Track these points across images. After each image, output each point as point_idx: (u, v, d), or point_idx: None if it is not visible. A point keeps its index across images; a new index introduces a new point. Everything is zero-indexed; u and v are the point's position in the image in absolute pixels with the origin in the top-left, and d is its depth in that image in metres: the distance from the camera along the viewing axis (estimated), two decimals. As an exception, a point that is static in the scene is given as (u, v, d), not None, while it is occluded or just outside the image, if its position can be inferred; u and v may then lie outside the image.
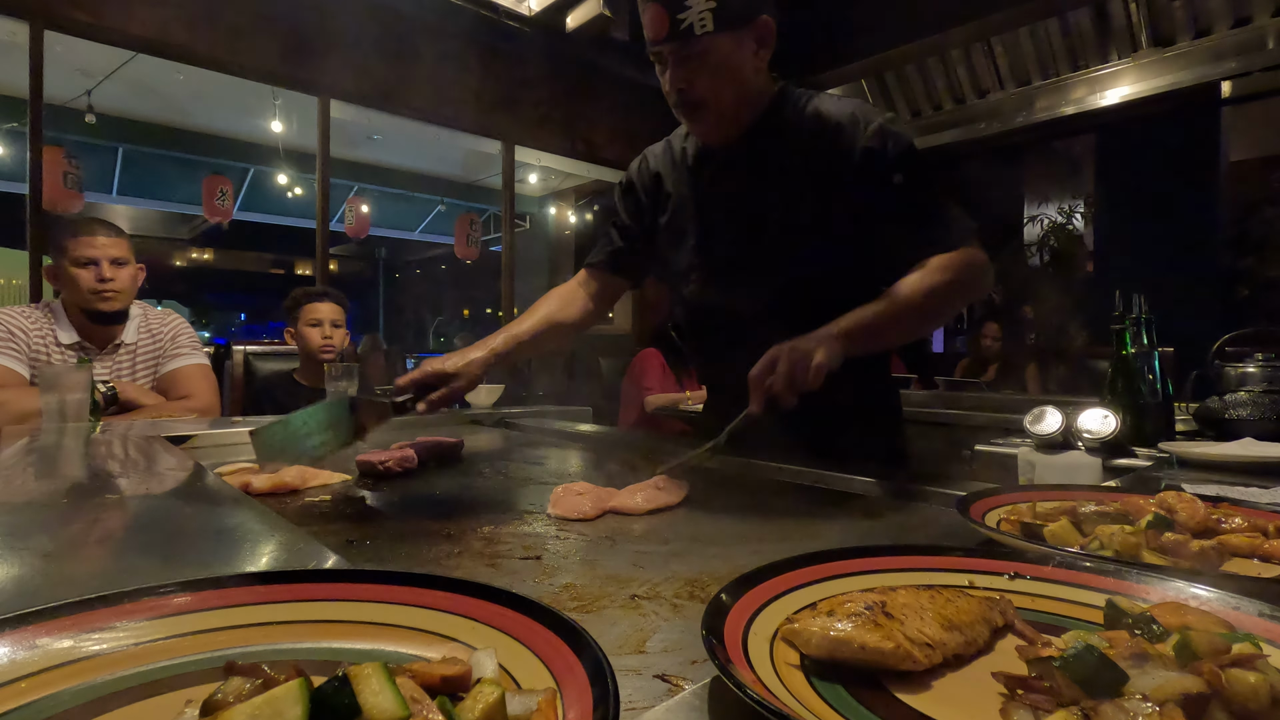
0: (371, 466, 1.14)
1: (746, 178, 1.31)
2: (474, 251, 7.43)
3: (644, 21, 1.19)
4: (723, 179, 1.34)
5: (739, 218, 1.33)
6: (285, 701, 0.28)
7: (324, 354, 2.54)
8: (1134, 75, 4.37)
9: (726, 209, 1.35)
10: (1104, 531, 0.64)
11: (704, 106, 1.23)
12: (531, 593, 0.54)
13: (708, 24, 1.13)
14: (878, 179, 1.21)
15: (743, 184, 1.32)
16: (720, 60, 1.18)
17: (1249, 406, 1.44)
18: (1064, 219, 6.47)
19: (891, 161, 1.21)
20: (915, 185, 1.21)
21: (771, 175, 1.29)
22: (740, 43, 1.19)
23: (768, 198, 1.29)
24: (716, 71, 1.19)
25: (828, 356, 1.02)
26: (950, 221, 1.20)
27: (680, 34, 1.14)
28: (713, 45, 1.16)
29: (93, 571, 0.60)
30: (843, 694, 0.38)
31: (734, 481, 1.13)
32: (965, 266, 1.18)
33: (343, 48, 4.28)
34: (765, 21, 1.20)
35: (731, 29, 1.16)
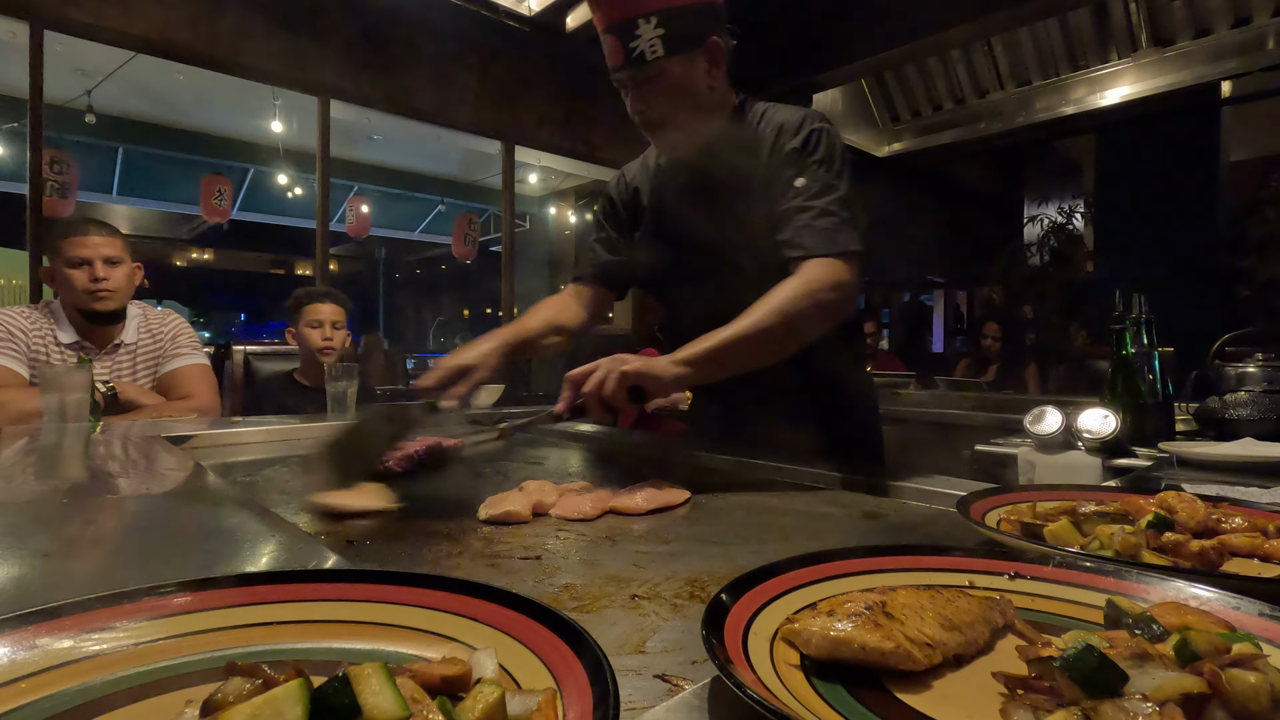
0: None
1: (709, 187, 1.37)
2: (472, 251, 7.44)
3: (605, 51, 1.26)
4: (688, 189, 1.41)
5: (704, 225, 1.38)
6: (285, 701, 0.28)
7: (324, 355, 2.54)
8: (1134, 75, 4.38)
9: (692, 217, 1.40)
10: (1104, 531, 0.64)
11: (664, 125, 1.30)
12: (531, 593, 0.54)
13: (658, 50, 1.21)
14: (786, 180, 1.24)
15: (706, 193, 1.38)
16: (673, 82, 1.25)
17: (1249, 406, 1.44)
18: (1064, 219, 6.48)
19: (802, 165, 1.24)
20: (814, 192, 1.22)
21: (730, 183, 1.34)
22: (692, 64, 1.25)
23: (728, 205, 1.35)
24: (671, 93, 1.26)
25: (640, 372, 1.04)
26: (831, 233, 1.19)
27: (634, 61, 1.22)
28: (665, 69, 1.23)
29: (93, 571, 0.60)
30: (843, 694, 0.38)
31: (734, 481, 1.13)
32: (825, 287, 1.16)
33: (343, 48, 4.29)
34: (715, 42, 1.26)
35: (681, 52, 1.23)
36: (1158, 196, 5.26)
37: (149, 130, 6.56)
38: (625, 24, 1.20)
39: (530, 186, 7.70)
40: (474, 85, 4.85)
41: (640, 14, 1.19)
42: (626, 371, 1.03)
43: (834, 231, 1.20)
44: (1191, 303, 4.56)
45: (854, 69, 4.67)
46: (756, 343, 1.13)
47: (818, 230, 1.20)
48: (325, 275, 4.48)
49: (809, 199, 1.23)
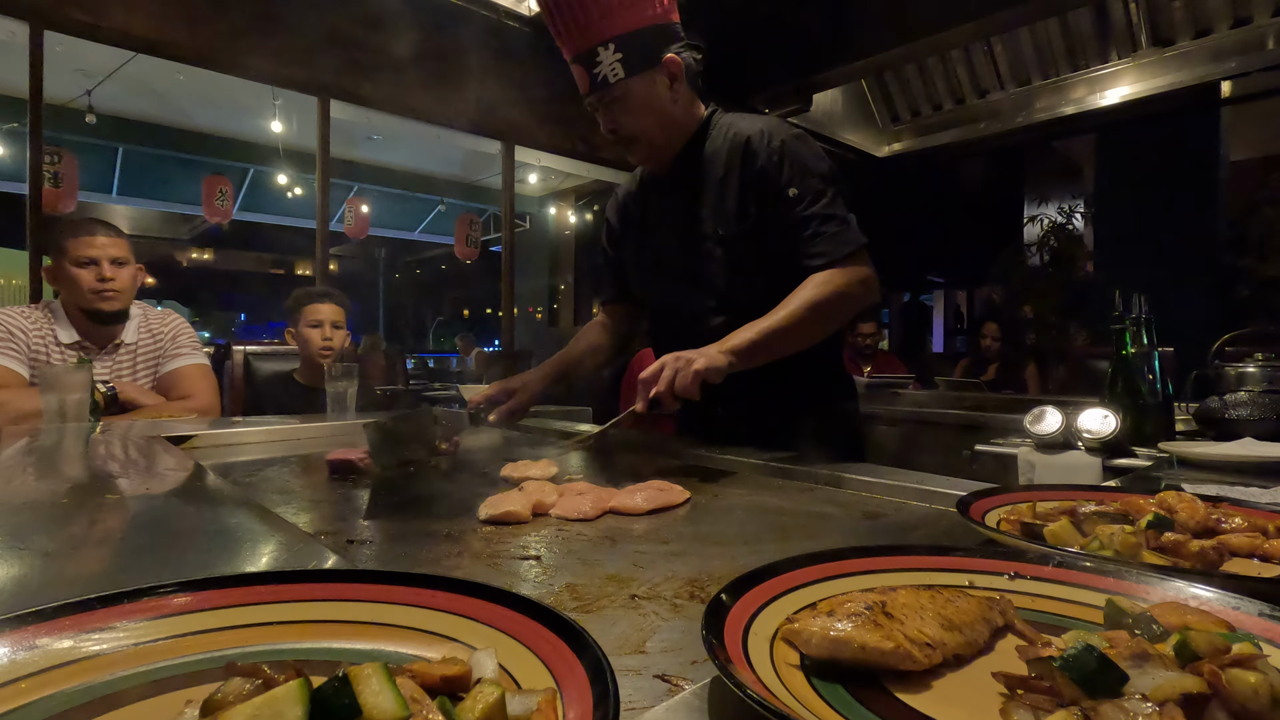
0: (351, 464, 1.15)
1: (680, 197, 1.48)
2: (473, 251, 7.44)
3: (575, 80, 1.39)
4: (662, 199, 1.53)
5: (677, 232, 1.50)
6: (285, 701, 0.28)
7: (323, 355, 2.54)
8: (1134, 75, 4.38)
9: (667, 225, 1.52)
10: (1104, 531, 0.64)
11: (635, 140, 1.42)
12: (531, 593, 0.54)
13: (619, 71, 1.33)
14: (773, 194, 1.36)
15: (677, 202, 1.49)
16: (637, 100, 1.36)
17: (1249, 406, 1.44)
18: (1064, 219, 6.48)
19: (786, 178, 1.35)
20: (809, 200, 1.34)
21: (699, 192, 1.45)
22: (652, 82, 1.36)
23: (698, 213, 1.45)
24: (636, 110, 1.37)
25: (707, 367, 1.19)
26: (840, 236, 1.33)
27: (599, 85, 1.35)
28: (628, 89, 1.35)
29: (93, 571, 0.60)
30: (843, 694, 0.38)
31: (734, 481, 1.13)
32: (849, 281, 1.32)
33: (343, 48, 4.29)
34: (671, 59, 1.38)
35: (640, 72, 1.34)
36: (1158, 196, 5.26)
37: (149, 130, 6.56)
38: (588, 53, 1.33)
39: (530, 186, 7.70)
40: (474, 85, 4.84)
41: (599, 42, 1.32)
42: (697, 370, 1.17)
43: (842, 234, 1.33)
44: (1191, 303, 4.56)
45: (854, 69, 4.67)
46: (792, 332, 1.28)
47: (828, 237, 1.33)
48: (325, 275, 4.48)
49: (807, 208, 1.34)
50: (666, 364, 1.19)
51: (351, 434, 1.65)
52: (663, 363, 1.20)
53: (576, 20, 1.32)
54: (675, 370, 1.18)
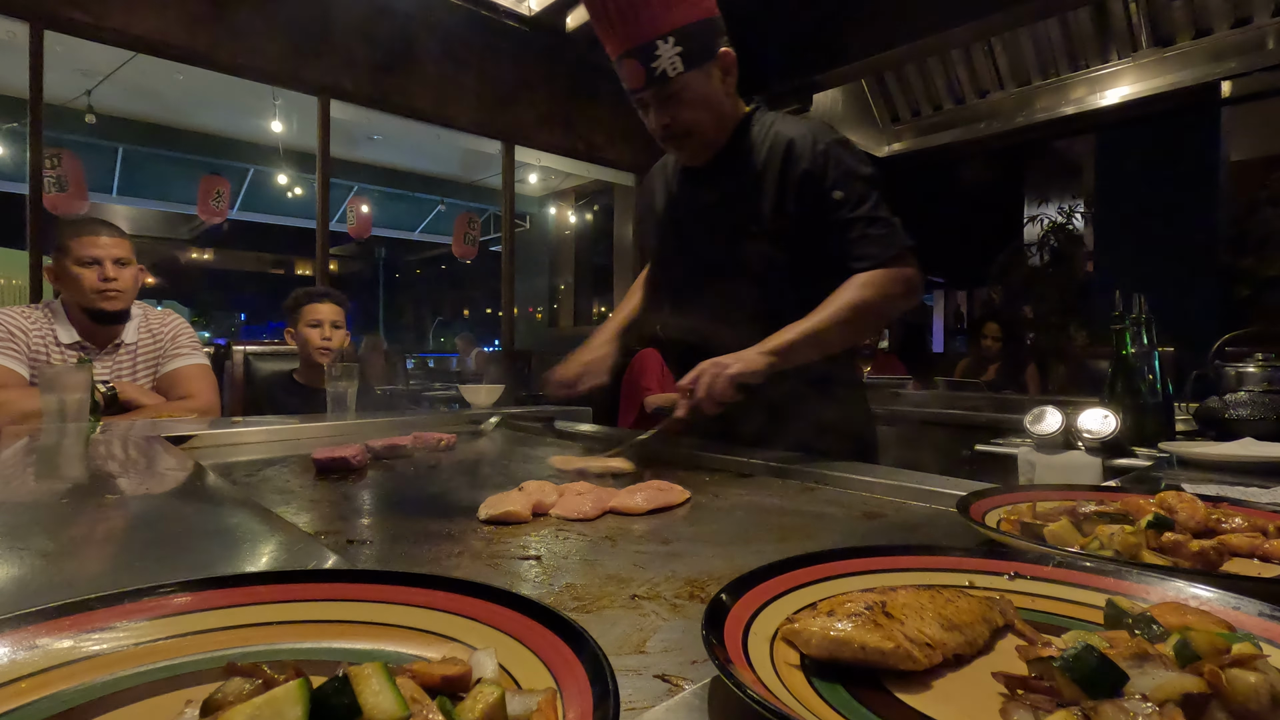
0: (344, 462, 1.16)
1: (718, 192, 1.47)
2: (472, 251, 7.44)
3: (621, 75, 1.34)
4: (700, 193, 1.51)
5: (712, 227, 1.49)
6: (285, 702, 0.28)
7: (321, 355, 2.54)
8: (1134, 75, 4.37)
9: (702, 220, 1.51)
10: (1104, 531, 0.64)
11: (689, 135, 1.39)
12: (531, 593, 0.54)
13: (678, 65, 1.29)
14: (817, 196, 1.35)
15: (715, 197, 1.47)
16: (695, 94, 1.33)
17: (1249, 406, 1.44)
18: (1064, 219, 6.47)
19: (831, 181, 1.35)
20: (854, 202, 1.34)
21: (738, 189, 1.44)
22: (709, 75, 1.34)
23: (732, 207, 1.44)
24: (694, 104, 1.34)
25: (743, 371, 1.20)
26: (886, 238, 1.33)
27: (657, 79, 1.30)
28: (687, 83, 1.31)
29: (93, 571, 0.60)
30: (843, 694, 0.38)
31: (734, 481, 1.13)
32: (893, 282, 1.31)
33: (343, 48, 4.29)
34: (727, 53, 1.36)
35: (699, 66, 1.31)
36: (1158, 196, 5.26)
37: (149, 130, 6.56)
38: (645, 47, 1.28)
39: (530, 186, 7.70)
40: (474, 85, 4.84)
41: (659, 35, 1.27)
42: (733, 375, 1.19)
43: (888, 235, 1.33)
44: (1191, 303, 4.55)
45: (854, 69, 4.66)
46: (833, 332, 1.29)
47: (874, 239, 1.32)
48: (325, 275, 4.48)
49: (852, 210, 1.34)
50: (704, 371, 1.21)
51: (351, 434, 1.65)
52: (700, 369, 1.22)
53: (636, 11, 1.26)
54: (713, 376, 1.20)
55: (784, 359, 1.25)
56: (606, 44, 1.34)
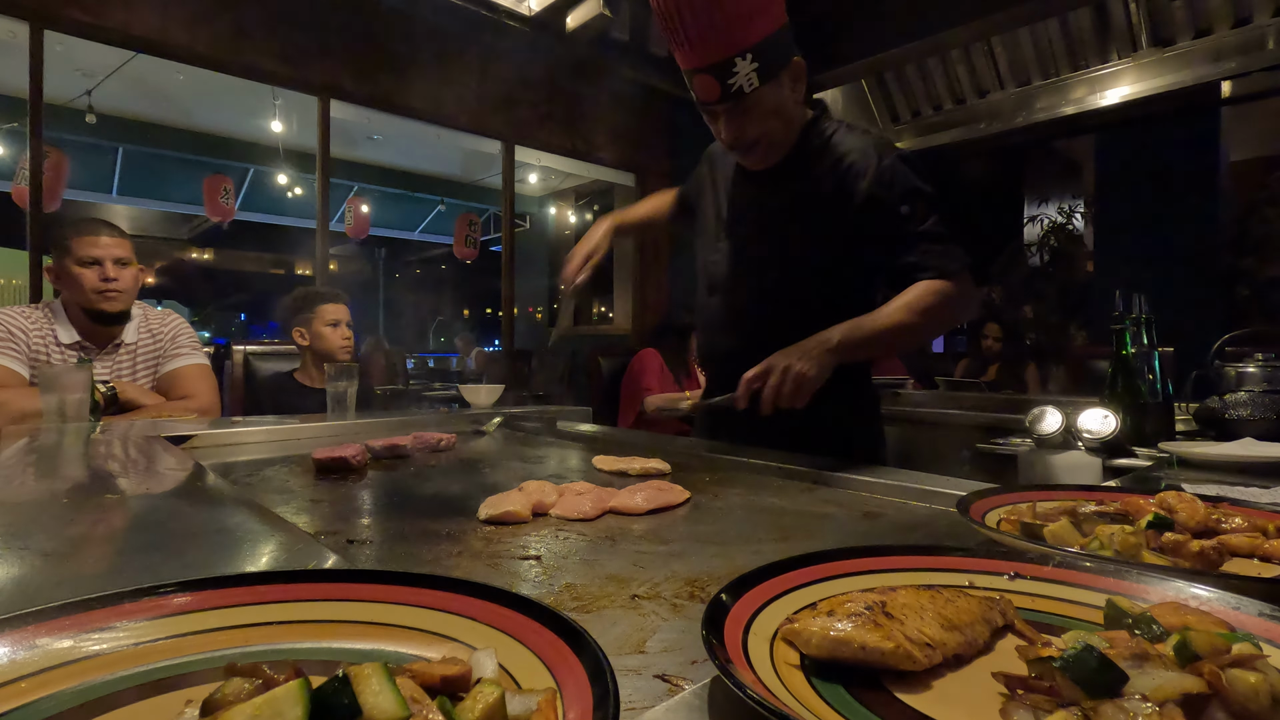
0: (344, 462, 1.16)
1: (778, 198, 1.47)
2: (472, 251, 7.44)
3: (693, 85, 1.31)
4: (757, 196, 1.51)
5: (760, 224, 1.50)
6: (285, 702, 0.28)
7: (345, 354, 2.56)
8: (1134, 75, 4.37)
9: (753, 214, 1.52)
10: (1104, 531, 0.64)
11: (757, 144, 1.38)
12: (531, 593, 0.54)
13: (754, 81, 1.25)
14: (883, 211, 1.35)
15: (774, 203, 1.48)
16: (767, 107, 1.32)
17: (1249, 406, 1.44)
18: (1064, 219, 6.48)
19: (897, 196, 1.35)
20: (920, 218, 1.35)
21: (796, 195, 1.44)
22: (780, 86, 1.32)
23: (792, 214, 1.44)
24: (765, 116, 1.33)
25: (819, 372, 1.20)
26: (950, 253, 1.33)
27: (732, 95, 1.27)
28: (761, 97, 1.28)
29: (93, 571, 0.60)
30: (843, 694, 0.38)
31: (734, 481, 1.13)
32: (955, 293, 1.31)
33: (343, 48, 4.29)
34: (798, 62, 1.34)
35: (774, 79, 1.28)
36: (1158, 196, 5.26)
37: (149, 130, 6.55)
38: (723, 64, 1.24)
39: (530, 186, 7.70)
40: (474, 85, 4.85)
41: (738, 52, 1.23)
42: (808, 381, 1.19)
43: (953, 251, 1.34)
44: (1191, 303, 4.55)
45: (854, 69, 4.66)
46: (896, 332, 1.29)
47: (940, 253, 1.33)
48: (325, 275, 4.48)
49: (918, 225, 1.34)
50: (774, 369, 1.19)
51: (351, 434, 1.65)
52: (770, 365, 1.20)
53: (716, 28, 1.21)
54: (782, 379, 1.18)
55: (846, 355, 1.25)
56: (678, 56, 1.29)
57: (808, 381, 1.19)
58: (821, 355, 1.22)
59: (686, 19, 1.22)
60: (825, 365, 1.22)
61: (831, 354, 1.23)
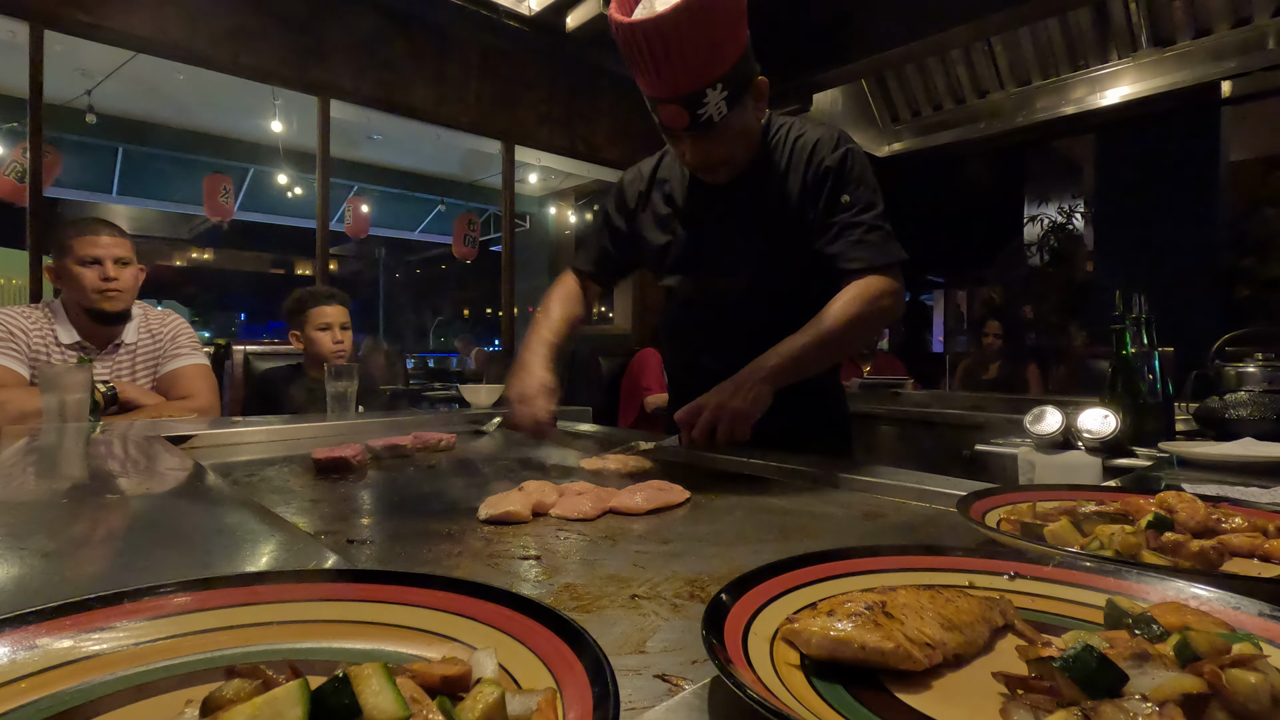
0: (344, 462, 1.16)
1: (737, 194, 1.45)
2: (472, 251, 7.43)
3: (658, 113, 1.27)
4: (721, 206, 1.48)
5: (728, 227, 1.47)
6: (285, 702, 0.28)
7: (338, 359, 2.53)
8: (1134, 75, 4.37)
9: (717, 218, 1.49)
10: (1104, 531, 0.64)
11: (723, 164, 1.37)
12: (531, 593, 0.54)
13: (724, 109, 1.23)
14: (831, 193, 1.35)
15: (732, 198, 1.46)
16: (734, 130, 1.31)
17: (1249, 406, 1.44)
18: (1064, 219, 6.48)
19: (844, 182, 1.35)
20: (860, 207, 1.34)
21: (757, 192, 1.43)
22: (746, 109, 1.30)
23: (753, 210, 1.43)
24: (731, 139, 1.32)
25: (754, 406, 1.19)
26: (883, 246, 1.33)
27: (701, 125, 1.24)
28: (728, 123, 1.27)
29: (93, 571, 0.60)
30: (843, 694, 0.38)
31: (734, 481, 1.13)
32: (883, 292, 1.31)
33: (343, 48, 4.28)
34: (761, 81, 1.32)
35: (740, 104, 1.27)
36: (1158, 196, 5.26)
37: (149, 130, 6.55)
38: (693, 96, 1.21)
39: (530, 186, 7.69)
40: (474, 85, 4.84)
41: (709, 84, 1.20)
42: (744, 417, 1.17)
43: (884, 245, 1.33)
44: (1191, 303, 4.55)
45: (854, 69, 4.66)
46: (831, 346, 1.28)
47: (871, 244, 1.32)
48: (325, 275, 4.48)
49: (856, 215, 1.34)
50: (706, 410, 1.18)
51: (351, 434, 1.65)
52: (700, 406, 1.19)
53: (687, 62, 1.17)
54: (716, 420, 1.17)
55: (781, 382, 1.24)
56: (642, 84, 1.25)
57: (743, 417, 1.17)
58: (756, 387, 1.20)
59: (658, 52, 1.16)
60: (760, 397, 1.20)
61: (765, 383, 1.21)
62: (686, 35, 1.13)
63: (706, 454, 1.30)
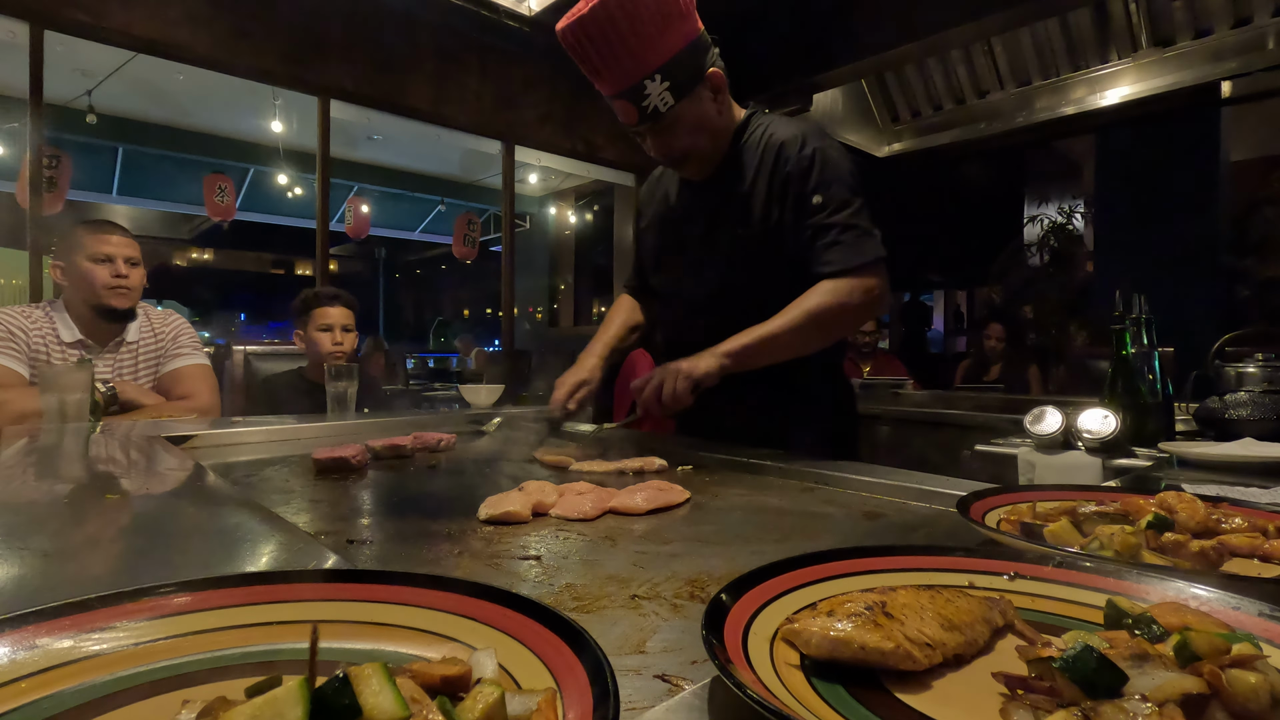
0: (344, 462, 1.16)
1: (715, 201, 1.48)
2: (472, 251, 7.43)
3: (615, 110, 1.35)
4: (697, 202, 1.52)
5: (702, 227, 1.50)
6: (285, 702, 0.28)
7: (334, 360, 2.53)
8: (1134, 75, 4.37)
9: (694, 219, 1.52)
10: (1104, 531, 0.64)
11: (687, 157, 1.41)
12: (531, 593, 0.54)
13: (668, 99, 1.29)
14: (798, 198, 1.36)
15: (707, 198, 1.49)
16: (688, 122, 1.34)
17: (1249, 406, 1.44)
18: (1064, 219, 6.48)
19: (814, 183, 1.35)
20: (833, 208, 1.34)
21: (729, 191, 1.45)
22: (699, 100, 1.34)
23: (724, 210, 1.46)
24: (688, 130, 1.36)
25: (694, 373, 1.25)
26: (857, 246, 1.33)
27: (649, 116, 1.31)
28: (679, 113, 1.32)
29: (93, 572, 0.60)
30: (843, 694, 0.38)
31: (734, 481, 1.13)
32: (853, 292, 1.32)
33: (343, 48, 4.28)
34: (714, 73, 1.35)
35: (688, 94, 1.31)
36: (1158, 196, 5.26)
37: (149, 130, 6.55)
38: (634, 89, 1.28)
39: (530, 186, 7.70)
40: (474, 85, 4.84)
41: (646, 75, 1.26)
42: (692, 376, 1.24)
43: (859, 245, 1.33)
44: (1191, 303, 4.55)
45: (854, 69, 4.66)
46: (790, 339, 1.31)
47: (845, 246, 1.33)
48: (325, 275, 4.48)
49: (829, 215, 1.34)
50: (655, 374, 1.26)
51: (351, 434, 1.65)
52: (654, 372, 1.27)
53: (617, 57, 1.25)
54: (662, 380, 1.25)
55: (737, 362, 1.29)
56: (595, 84, 1.34)
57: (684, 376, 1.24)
58: (709, 360, 1.27)
59: (590, 51, 1.26)
60: (709, 368, 1.26)
61: (720, 359, 1.27)
62: (610, 31, 1.22)
63: (697, 451, 1.30)
